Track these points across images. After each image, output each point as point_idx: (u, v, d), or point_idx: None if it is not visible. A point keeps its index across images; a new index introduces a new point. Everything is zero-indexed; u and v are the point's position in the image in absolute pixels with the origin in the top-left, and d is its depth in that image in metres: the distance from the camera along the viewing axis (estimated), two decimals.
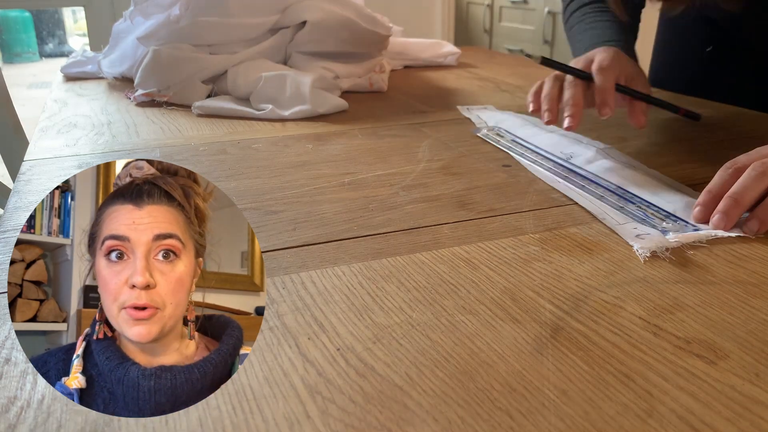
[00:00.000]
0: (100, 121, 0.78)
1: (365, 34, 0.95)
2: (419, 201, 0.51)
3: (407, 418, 0.27)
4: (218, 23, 0.88)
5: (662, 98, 0.71)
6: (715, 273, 0.39)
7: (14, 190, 0.55)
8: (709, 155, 0.62)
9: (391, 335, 0.33)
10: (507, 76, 1.09)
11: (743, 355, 0.31)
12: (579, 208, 0.50)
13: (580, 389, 0.28)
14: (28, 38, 5.44)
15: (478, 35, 3.30)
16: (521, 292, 0.37)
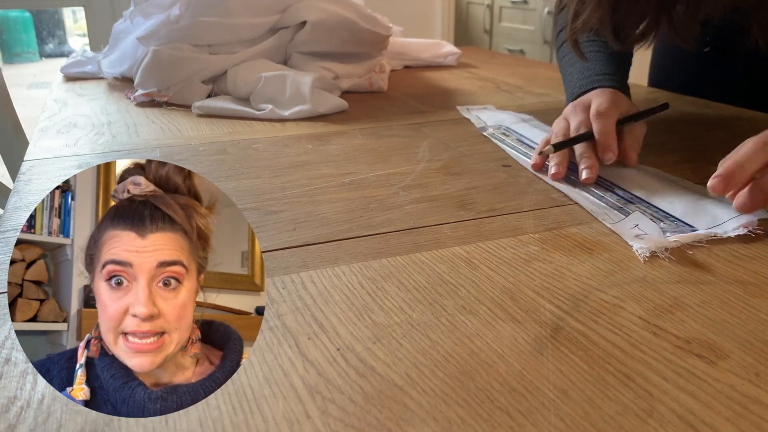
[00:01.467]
0: (100, 121, 0.78)
1: (365, 34, 0.95)
2: (419, 201, 0.51)
3: (407, 418, 0.27)
4: (218, 23, 0.88)
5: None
6: (715, 273, 0.39)
7: (14, 190, 0.55)
8: (709, 155, 0.62)
9: (391, 335, 0.33)
10: (507, 76, 1.09)
11: (743, 355, 0.31)
12: (579, 208, 0.50)
13: (580, 389, 0.28)
14: (28, 38, 5.44)
15: (478, 35, 3.30)
16: (521, 292, 0.37)
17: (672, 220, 0.46)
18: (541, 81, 1.04)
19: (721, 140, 0.68)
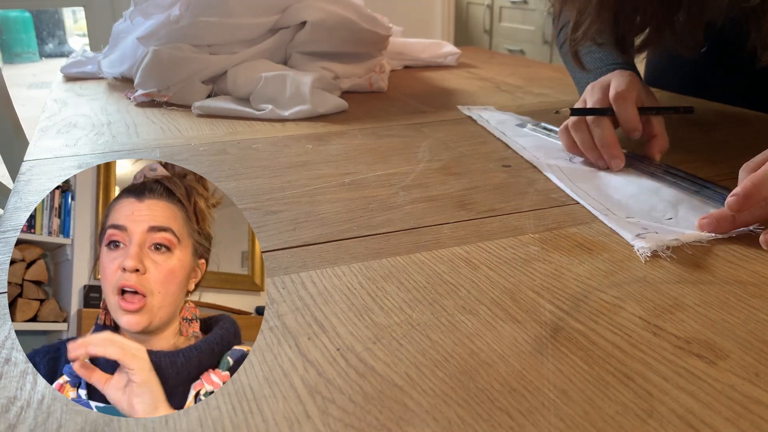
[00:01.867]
0: (100, 121, 0.78)
1: (365, 34, 0.95)
2: (419, 201, 0.51)
3: (407, 418, 0.27)
4: (218, 23, 0.88)
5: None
6: (715, 273, 0.39)
7: (14, 190, 0.55)
8: (709, 155, 0.62)
9: (391, 335, 0.33)
10: (507, 76, 1.09)
11: (743, 355, 0.31)
12: (579, 208, 0.50)
13: (580, 389, 0.28)
14: (28, 38, 5.44)
15: (478, 35, 3.30)
16: (521, 292, 0.37)
17: (669, 218, 0.47)
18: (541, 81, 1.04)
19: (721, 140, 0.68)
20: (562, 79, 1.05)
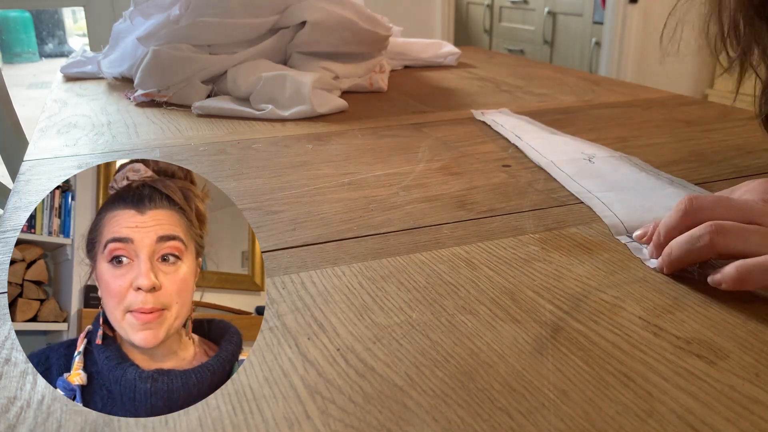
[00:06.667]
0: (100, 121, 0.78)
1: (365, 34, 0.95)
2: (419, 201, 0.51)
3: (407, 418, 0.27)
4: (218, 23, 0.88)
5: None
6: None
7: (14, 190, 0.55)
8: (708, 155, 0.62)
9: (391, 335, 0.33)
10: (507, 76, 1.09)
11: (743, 355, 0.31)
12: (579, 208, 0.50)
13: (580, 389, 0.28)
14: (28, 38, 5.44)
15: (478, 35, 3.31)
16: (521, 292, 0.37)
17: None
18: (541, 81, 1.04)
19: (721, 140, 0.68)
20: (562, 79, 1.05)
